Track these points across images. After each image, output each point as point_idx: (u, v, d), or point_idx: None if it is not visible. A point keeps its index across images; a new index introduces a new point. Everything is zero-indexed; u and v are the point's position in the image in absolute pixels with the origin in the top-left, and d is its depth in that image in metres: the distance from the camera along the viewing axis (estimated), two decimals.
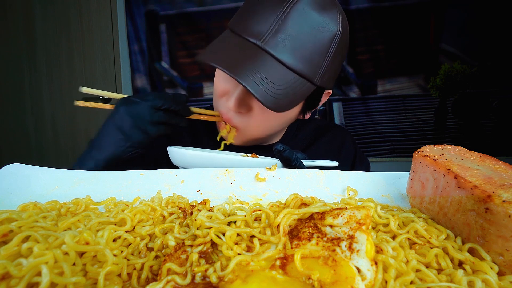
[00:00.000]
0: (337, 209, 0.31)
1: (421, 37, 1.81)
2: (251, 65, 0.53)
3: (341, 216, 0.29)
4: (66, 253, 0.27)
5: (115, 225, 0.34)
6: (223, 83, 0.64)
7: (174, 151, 0.54)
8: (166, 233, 0.34)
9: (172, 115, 0.58)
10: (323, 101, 0.71)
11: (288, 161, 0.52)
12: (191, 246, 0.30)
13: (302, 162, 0.54)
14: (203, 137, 0.78)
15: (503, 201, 0.27)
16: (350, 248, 0.27)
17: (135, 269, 0.30)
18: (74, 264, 0.27)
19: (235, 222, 0.33)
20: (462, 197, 0.31)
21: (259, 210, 0.34)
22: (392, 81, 1.87)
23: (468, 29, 1.77)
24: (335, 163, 0.57)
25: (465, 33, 1.77)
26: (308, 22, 0.55)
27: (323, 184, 0.47)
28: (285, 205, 0.36)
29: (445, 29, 1.79)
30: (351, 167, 0.80)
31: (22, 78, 2.12)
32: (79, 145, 2.14)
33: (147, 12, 1.97)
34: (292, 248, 0.27)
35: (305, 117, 0.73)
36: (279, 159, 0.53)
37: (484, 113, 1.84)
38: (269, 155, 0.59)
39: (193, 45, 1.96)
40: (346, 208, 0.30)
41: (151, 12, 1.96)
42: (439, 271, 0.29)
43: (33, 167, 0.46)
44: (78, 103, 0.58)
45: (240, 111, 0.63)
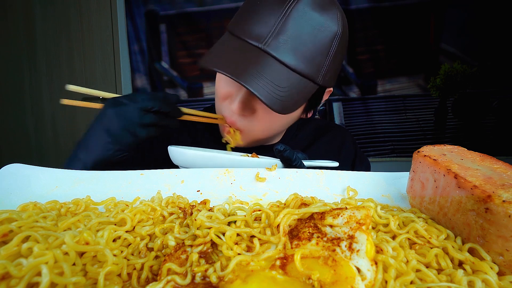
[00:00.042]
0: (337, 209, 0.31)
1: (421, 37, 1.81)
2: (255, 68, 0.53)
3: (341, 216, 0.29)
4: (66, 253, 0.27)
5: (115, 225, 0.34)
6: (225, 87, 0.64)
7: (175, 150, 0.54)
8: (166, 233, 0.34)
9: (162, 117, 0.56)
10: (324, 99, 0.71)
11: (288, 161, 0.52)
12: (191, 246, 0.30)
13: (303, 162, 0.54)
14: (203, 137, 0.78)
15: (503, 201, 0.27)
16: (350, 248, 0.27)
17: (135, 269, 0.30)
18: (74, 264, 0.27)
19: (235, 222, 0.33)
20: (462, 197, 0.31)
21: (259, 210, 0.34)
22: (392, 81, 1.87)
23: (468, 29, 1.77)
24: (336, 164, 0.57)
25: (465, 33, 1.77)
26: (309, 22, 0.55)
27: (323, 184, 0.47)
28: (285, 205, 0.36)
29: (445, 29, 1.79)
30: (351, 167, 0.80)
31: (22, 78, 2.12)
32: None
33: (147, 12, 1.97)
34: (292, 248, 0.27)
35: (307, 115, 0.73)
36: (279, 159, 0.53)
37: (484, 113, 1.84)
38: (269, 155, 0.59)
39: (193, 45, 1.96)
40: (346, 208, 0.30)
41: (151, 12, 1.96)
42: (439, 271, 0.29)
43: (33, 167, 0.46)
44: (64, 101, 0.55)
45: (244, 113, 0.62)
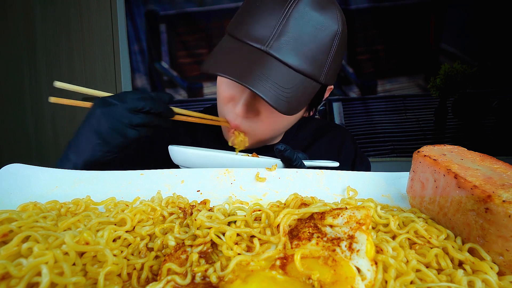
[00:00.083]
0: (337, 209, 0.31)
1: (421, 37, 1.81)
2: (259, 71, 0.53)
3: (341, 216, 0.29)
4: (66, 253, 0.27)
5: (115, 225, 0.34)
6: (228, 90, 0.63)
7: (175, 150, 0.54)
8: (166, 233, 0.34)
9: (153, 117, 0.55)
10: (325, 97, 0.71)
11: (289, 161, 0.52)
12: (191, 246, 0.30)
13: (303, 162, 0.54)
14: (203, 137, 0.78)
15: (503, 201, 0.27)
16: (350, 248, 0.27)
17: (135, 269, 0.30)
18: (74, 264, 0.27)
19: (235, 222, 0.33)
20: (462, 197, 0.31)
21: (259, 210, 0.34)
22: (392, 81, 1.87)
23: (468, 29, 1.77)
24: (336, 164, 0.57)
25: (465, 33, 1.77)
26: (310, 22, 0.55)
27: (323, 184, 0.47)
28: (285, 205, 0.36)
29: (445, 29, 1.79)
30: (351, 167, 0.80)
31: (22, 78, 2.12)
32: None
33: (147, 12, 1.97)
34: (292, 248, 0.27)
35: (310, 114, 0.73)
36: (280, 159, 0.53)
37: (484, 113, 1.84)
38: (270, 155, 0.59)
39: (193, 45, 1.96)
40: (346, 208, 0.30)
41: (151, 12, 1.96)
42: (439, 271, 0.29)
43: (33, 167, 0.46)
44: (52, 99, 0.54)
45: (248, 116, 0.62)
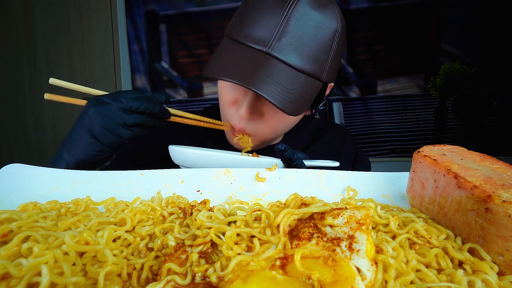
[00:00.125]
0: (337, 209, 0.31)
1: (421, 37, 1.81)
2: (263, 73, 0.53)
3: (341, 216, 0.29)
4: (66, 253, 0.27)
5: (115, 225, 0.34)
6: (230, 93, 0.63)
7: (176, 150, 0.54)
8: (166, 233, 0.34)
9: (148, 117, 0.54)
10: (325, 94, 0.71)
11: (289, 161, 0.52)
12: (191, 246, 0.30)
13: (303, 162, 0.54)
14: (203, 137, 0.78)
15: (503, 201, 0.27)
16: (350, 248, 0.27)
17: (135, 269, 0.30)
18: (74, 264, 0.27)
19: (235, 222, 0.33)
20: (462, 197, 0.31)
21: (259, 210, 0.34)
22: (392, 81, 1.87)
23: (468, 29, 1.77)
24: (336, 163, 0.57)
25: (465, 33, 1.77)
26: (310, 22, 0.55)
27: (323, 184, 0.47)
28: (285, 205, 0.36)
29: (445, 29, 1.79)
30: (351, 166, 0.80)
31: (22, 78, 2.12)
32: None
33: (147, 12, 1.97)
34: (292, 248, 0.27)
35: (312, 112, 0.73)
36: (280, 158, 0.53)
37: (484, 113, 1.84)
38: (270, 155, 0.59)
39: (193, 45, 1.96)
40: (346, 208, 0.30)
41: (151, 12, 1.96)
42: (439, 271, 0.29)
43: (33, 167, 0.46)
44: (47, 96, 0.54)
45: (252, 118, 0.62)
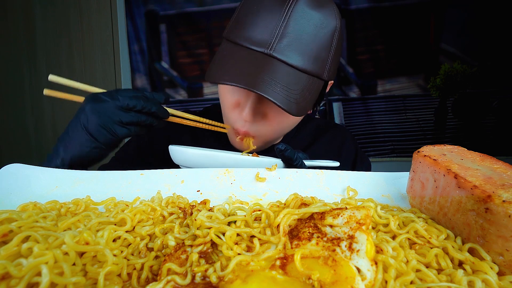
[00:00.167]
0: (337, 209, 0.31)
1: (421, 37, 1.81)
2: (266, 75, 0.53)
3: (341, 216, 0.29)
4: (66, 253, 0.27)
5: (115, 225, 0.34)
6: (232, 96, 0.63)
7: (176, 150, 0.54)
8: (166, 233, 0.34)
9: (145, 116, 0.54)
10: (326, 91, 0.71)
11: (289, 160, 0.52)
12: (191, 246, 0.30)
13: (304, 162, 0.54)
14: (203, 137, 0.78)
15: (503, 201, 0.27)
16: (350, 248, 0.27)
17: (135, 269, 0.30)
18: (74, 264, 0.27)
19: (235, 222, 0.33)
20: (462, 197, 0.31)
21: (259, 210, 0.34)
22: (392, 81, 1.87)
23: (468, 29, 1.77)
24: (337, 163, 0.57)
25: (465, 33, 1.77)
26: (310, 21, 0.55)
27: (323, 184, 0.47)
28: (285, 205, 0.36)
29: (445, 29, 1.79)
30: (352, 166, 0.80)
31: (22, 78, 2.12)
32: None
33: (147, 12, 1.97)
34: (292, 248, 0.27)
35: (312, 111, 0.73)
36: (280, 158, 0.53)
37: (484, 113, 1.84)
38: (270, 155, 0.59)
39: (193, 45, 1.96)
40: (346, 208, 0.30)
41: (151, 12, 1.96)
42: (439, 271, 0.29)
43: (33, 167, 0.46)
44: (46, 91, 0.54)
45: (255, 120, 0.62)
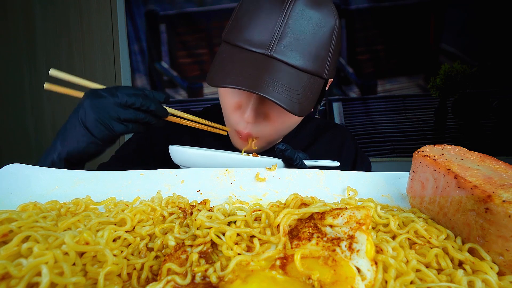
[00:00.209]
0: (337, 209, 0.31)
1: (421, 37, 1.81)
2: (268, 76, 0.53)
3: (341, 216, 0.29)
4: (66, 253, 0.27)
5: (115, 225, 0.34)
6: (233, 98, 0.63)
7: (176, 150, 0.54)
8: (166, 233, 0.34)
9: (143, 114, 0.54)
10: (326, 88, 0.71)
11: (290, 160, 0.52)
12: (191, 246, 0.30)
13: (304, 162, 0.54)
14: (203, 136, 0.78)
15: (503, 201, 0.27)
16: (350, 248, 0.27)
17: (135, 269, 0.30)
18: (74, 264, 0.27)
19: (235, 222, 0.33)
20: (462, 197, 0.31)
21: (259, 210, 0.34)
22: (392, 81, 1.87)
23: (468, 29, 1.77)
24: (337, 163, 0.57)
25: (465, 33, 1.77)
26: (309, 21, 0.55)
27: (323, 184, 0.47)
28: (285, 205, 0.36)
29: (445, 29, 1.79)
30: (352, 166, 0.80)
31: (22, 78, 2.12)
32: None
33: (147, 12, 1.97)
34: (292, 248, 0.27)
35: (315, 110, 0.74)
36: (281, 158, 0.53)
37: (484, 113, 1.84)
38: (270, 155, 0.59)
39: (193, 45, 1.96)
40: (346, 208, 0.30)
41: (151, 12, 1.96)
42: (439, 271, 0.29)
43: (33, 167, 0.46)
44: (46, 86, 0.54)
45: (257, 121, 0.62)
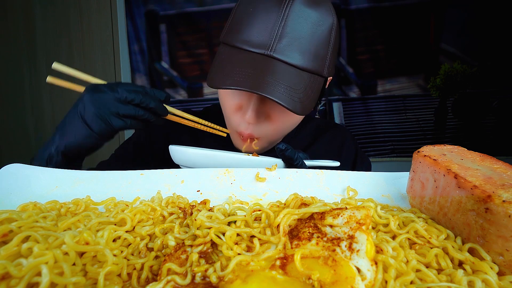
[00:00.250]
0: (337, 209, 0.31)
1: (421, 37, 1.81)
2: (269, 77, 0.53)
3: (341, 216, 0.29)
4: (66, 253, 0.27)
5: (115, 225, 0.34)
6: (233, 99, 0.63)
7: (176, 150, 0.54)
8: (166, 233, 0.34)
9: (142, 111, 0.54)
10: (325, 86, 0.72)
11: (290, 160, 0.52)
12: (191, 246, 0.30)
13: (304, 162, 0.54)
14: (203, 136, 0.78)
15: (503, 201, 0.27)
16: (350, 248, 0.27)
17: (135, 269, 0.30)
18: (74, 264, 0.27)
19: (235, 222, 0.33)
20: (462, 197, 0.31)
21: (259, 210, 0.34)
22: (392, 81, 1.87)
23: (468, 29, 1.77)
24: (337, 163, 0.57)
25: (465, 33, 1.77)
26: (308, 20, 0.55)
27: (323, 184, 0.47)
28: (285, 205, 0.36)
29: (445, 29, 1.79)
30: (352, 166, 0.80)
31: (22, 78, 2.12)
32: None
33: (147, 12, 1.97)
34: (292, 248, 0.27)
35: (316, 108, 0.74)
36: (281, 158, 0.53)
37: (484, 113, 1.84)
38: (270, 155, 0.59)
39: (193, 45, 1.96)
40: (346, 208, 0.30)
41: (151, 12, 1.96)
42: (439, 271, 0.29)
43: (33, 167, 0.46)
44: (49, 79, 0.55)
45: (259, 121, 0.62)
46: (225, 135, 0.67)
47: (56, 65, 0.55)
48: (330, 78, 0.69)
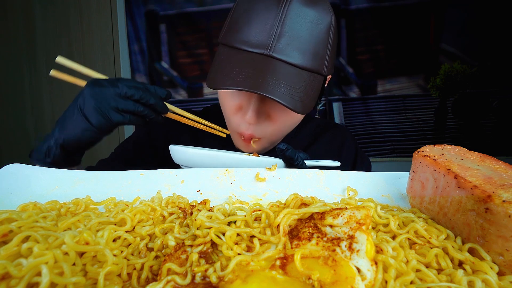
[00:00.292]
0: (337, 209, 0.31)
1: (421, 37, 1.81)
2: (269, 76, 0.53)
3: (341, 216, 0.29)
4: (66, 253, 0.27)
5: (115, 225, 0.34)
6: (233, 100, 0.63)
7: (176, 149, 0.54)
8: (166, 233, 0.34)
9: (142, 107, 0.55)
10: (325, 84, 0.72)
11: (290, 160, 0.52)
12: (191, 246, 0.30)
13: (305, 162, 0.54)
14: (203, 136, 0.78)
15: (503, 201, 0.27)
16: (350, 248, 0.27)
17: (135, 269, 0.30)
18: (74, 264, 0.27)
19: (235, 222, 0.33)
20: (462, 197, 0.31)
21: (259, 210, 0.34)
22: (392, 81, 1.87)
23: (468, 29, 1.77)
24: (337, 163, 0.57)
25: (465, 33, 1.77)
26: (306, 19, 0.55)
27: (323, 184, 0.47)
28: (285, 205, 0.36)
29: (445, 29, 1.79)
30: (352, 166, 0.80)
31: (22, 78, 2.12)
32: None
33: (147, 12, 1.97)
34: (292, 248, 0.27)
35: (316, 108, 0.74)
36: (281, 158, 0.53)
37: (484, 113, 1.84)
38: (270, 155, 0.59)
39: (193, 45, 1.96)
40: (346, 208, 0.30)
41: (151, 12, 1.96)
42: (439, 271, 0.29)
43: (33, 167, 0.46)
44: (52, 72, 0.55)
45: (259, 121, 0.62)
46: (224, 135, 0.67)
47: (59, 59, 0.56)
48: (329, 77, 0.69)
